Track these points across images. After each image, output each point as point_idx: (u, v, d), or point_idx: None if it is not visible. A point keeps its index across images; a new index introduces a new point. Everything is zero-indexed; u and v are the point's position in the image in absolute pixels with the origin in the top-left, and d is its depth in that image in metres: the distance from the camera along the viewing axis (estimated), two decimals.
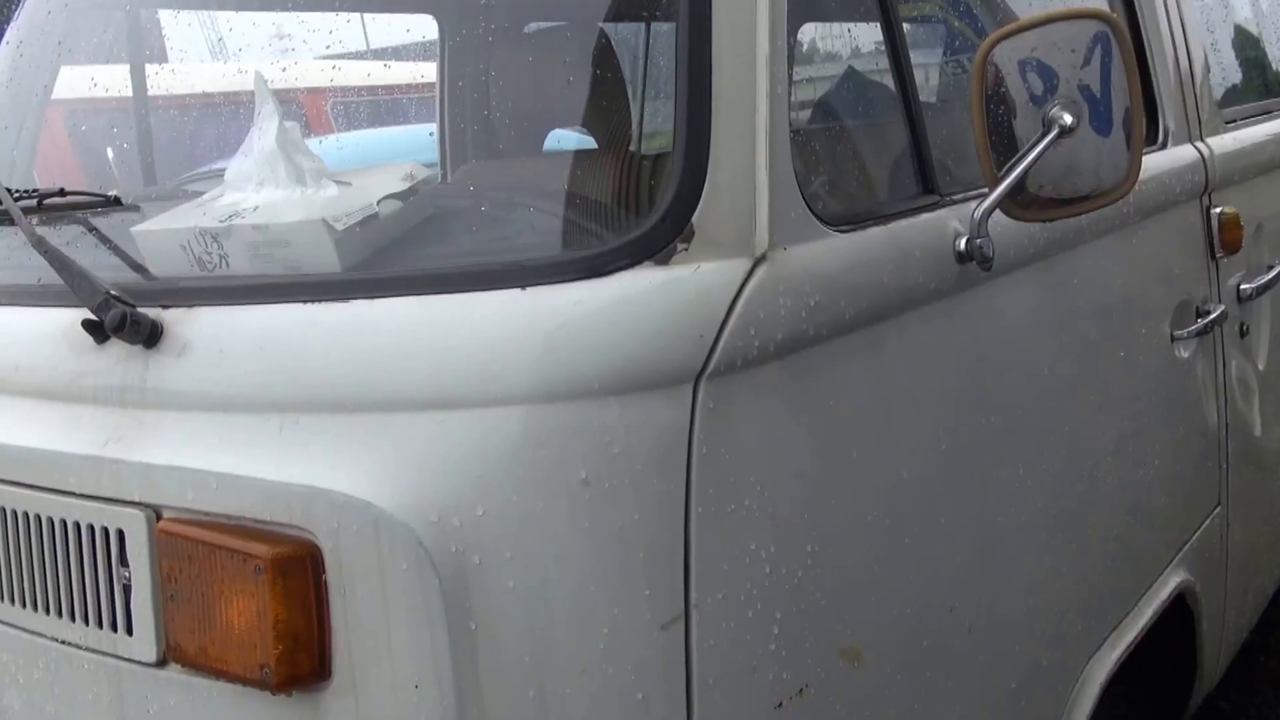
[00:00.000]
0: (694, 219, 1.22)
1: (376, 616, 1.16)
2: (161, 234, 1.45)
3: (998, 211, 1.45)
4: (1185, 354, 2.20)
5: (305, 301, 1.28)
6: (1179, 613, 2.21)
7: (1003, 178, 1.43)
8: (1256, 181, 2.60)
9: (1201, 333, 2.22)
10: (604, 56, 1.63)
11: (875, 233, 1.41)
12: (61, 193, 1.69)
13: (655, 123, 1.35)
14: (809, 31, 1.47)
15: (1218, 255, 2.33)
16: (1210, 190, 2.32)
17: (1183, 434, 2.26)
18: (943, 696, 1.54)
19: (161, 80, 2.21)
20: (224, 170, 1.48)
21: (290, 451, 1.20)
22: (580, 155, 1.51)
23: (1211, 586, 2.35)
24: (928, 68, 1.60)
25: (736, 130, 1.25)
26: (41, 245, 1.41)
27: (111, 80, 2.22)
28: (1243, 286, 2.44)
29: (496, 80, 2.18)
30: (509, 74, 2.12)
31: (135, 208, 1.65)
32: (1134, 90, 1.45)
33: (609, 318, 1.18)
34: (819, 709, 1.32)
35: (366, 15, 2.11)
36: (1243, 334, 2.48)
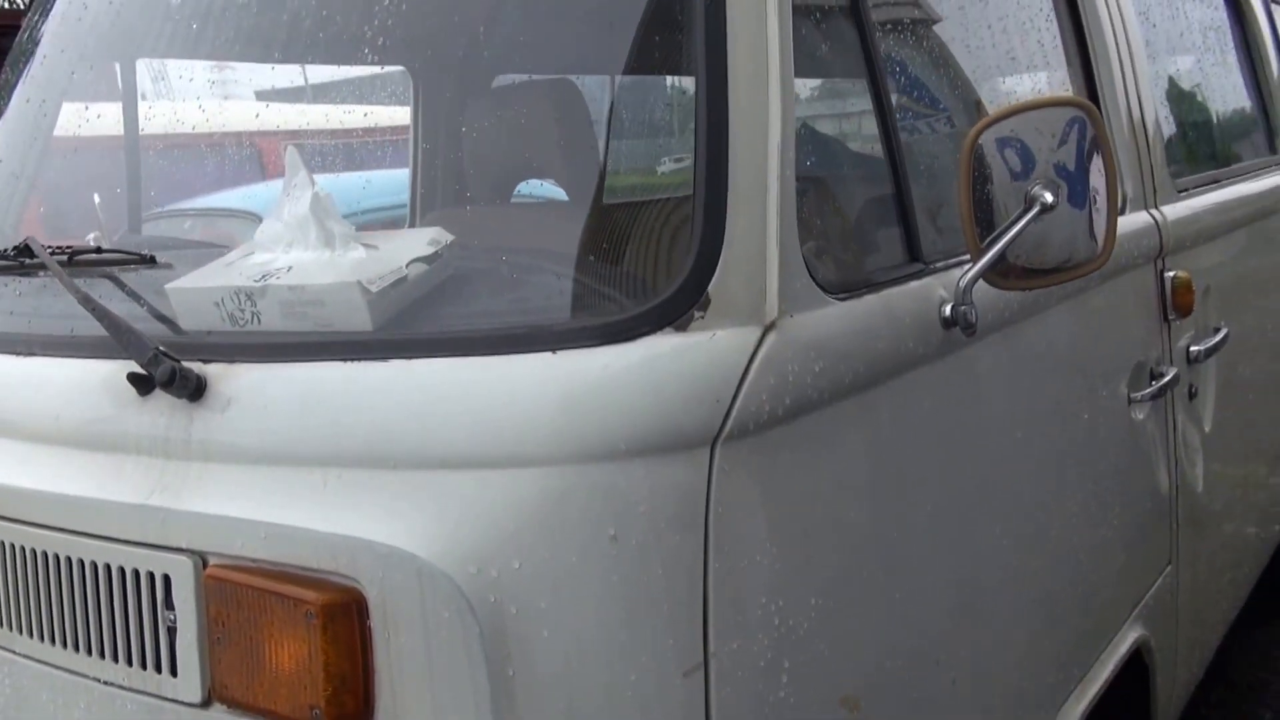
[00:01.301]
0: (710, 288, 1.30)
1: (419, 660, 1.22)
2: (195, 291, 1.52)
3: (981, 281, 1.54)
4: (1140, 415, 2.31)
5: (344, 360, 1.35)
6: (1134, 667, 2.31)
7: (986, 249, 1.52)
8: (1205, 246, 2.73)
9: (1156, 395, 2.33)
10: (620, 119, 1.72)
11: (870, 300, 1.50)
12: (98, 250, 1.74)
13: (673, 195, 1.43)
14: (803, 109, 1.55)
15: (1170, 318, 2.45)
16: (1164, 254, 2.44)
17: (1139, 494, 2.37)
18: None
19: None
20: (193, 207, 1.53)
21: (335, 504, 1.27)
22: (596, 220, 1.59)
23: (1165, 641, 2.45)
24: (913, 143, 1.69)
25: (750, 206, 1.35)
26: (88, 303, 1.47)
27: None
28: (1192, 349, 2.56)
29: (471, 134, 2.25)
30: (485, 128, 2.20)
31: (166, 265, 1.71)
32: (1110, 171, 1.55)
33: (634, 381, 1.27)
34: None
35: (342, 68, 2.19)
36: (1191, 396, 2.59)
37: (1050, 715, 1.94)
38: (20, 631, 1.52)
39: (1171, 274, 2.45)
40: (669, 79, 1.64)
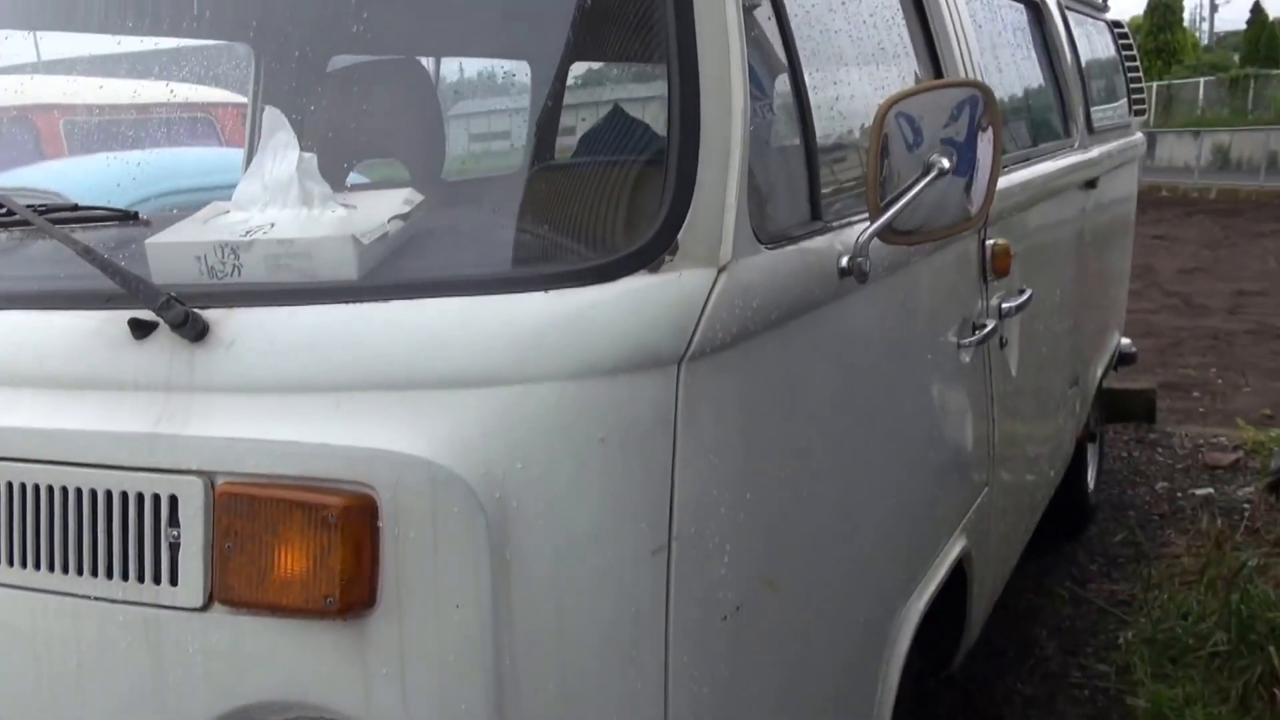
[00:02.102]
0: (679, 237, 1.54)
1: (425, 553, 1.42)
2: (177, 245, 1.65)
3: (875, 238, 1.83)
4: (966, 360, 2.65)
5: (348, 302, 1.52)
6: (958, 575, 2.67)
7: (885, 209, 1.78)
8: (1016, 218, 3.11)
9: (978, 343, 2.68)
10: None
11: (789, 250, 1.76)
12: (75, 208, 1.84)
13: (649, 160, 1.65)
14: None
15: (989, 279, 2.81)
16: (986, 224, 2.79)
17: (966, 426, 2.73)
18: (823, 620, 1.93)
19: None
20: None
21: (348, 422, 1.45)
22: (579, 178, 1.80)
23: (981, 553, 2.83)
24: (817, 121, 1.96)
25: (714, 170, 1.59)
26: (90, 254, 1.58)
27: None
28: (1004, 305, 2.91)
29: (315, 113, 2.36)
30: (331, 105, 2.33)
31: (145, 223, 1.81)
32: (998, 143, 1.85)
33: (616, 314, 1.49)
34: (748, 623, 1.67)
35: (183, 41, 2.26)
36: (1002, 345, 2.97)
37: (900, 605, 2.27)
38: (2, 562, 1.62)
39: (992, 242, 2.79)
40: (639, 66, 1.87)
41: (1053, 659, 3.96)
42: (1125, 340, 5.61)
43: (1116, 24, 5.61)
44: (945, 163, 1.78)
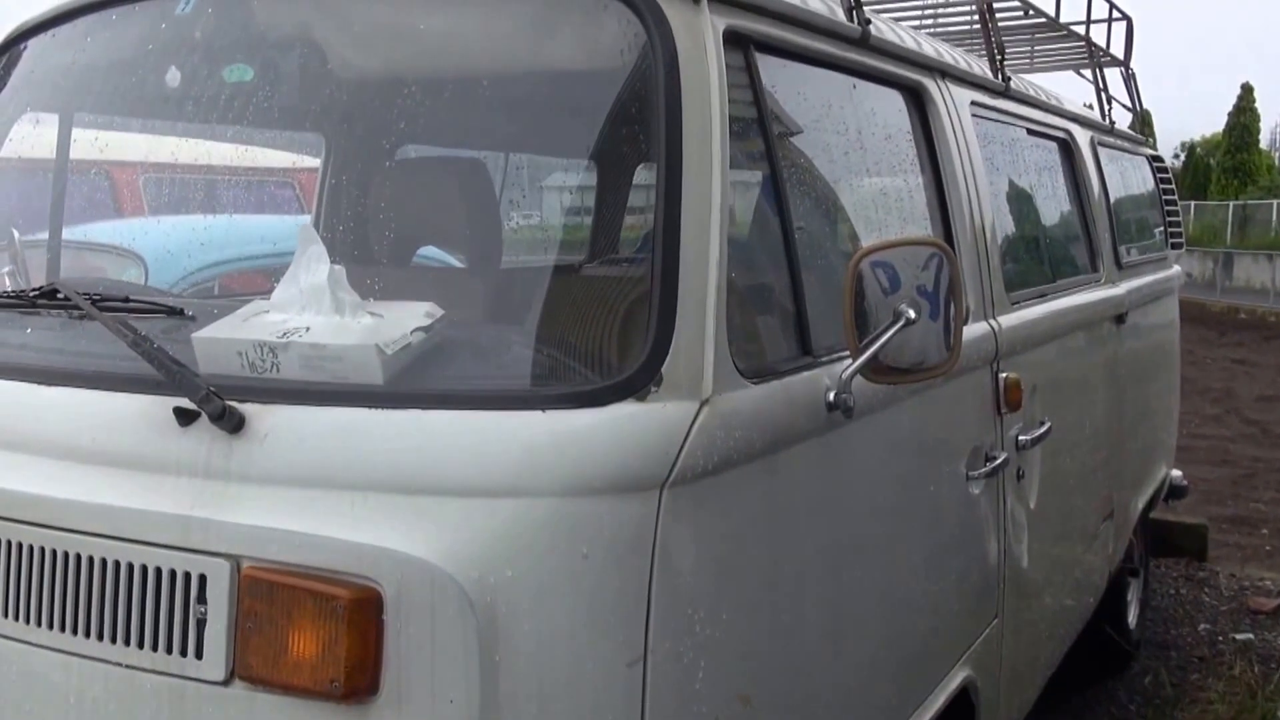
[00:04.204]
0: (663, 369, 1.69)
1: (424, 646, 1.56)
2: (221, 341, 1.82)
3: (857, 375, 1.97)
4: (976, 491, 2.75)
5: (367, 407, 1.68)
6: (963, 703, 2.73)
7: (862, 350, 1.94)
8: (1034, 351, 3.21)
9: (989, 474, 2.78)
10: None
11: (774, 385, 1.90)
12: (125, 300, 2.02)
13: (633, 296, 1.81)
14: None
15: (1003, 411, 2.90)
16: (999, 358, 2.89)
17: (972, 556, 2.81)
18: None
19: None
20: None
21: (360, 520, 1.60)
22: (566, 287, 1.97)
23: (989, 683, 2.89)
24: (806, 259, 2.11)
25: (693, 308, 1.74)
26: (139, 345, 1.76)
27: None
28: (1020, 437, 3.02)
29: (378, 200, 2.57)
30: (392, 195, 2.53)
31: (190, 317, 1.98)
32: (958, 302, 1.99)
33: (605, 437, 1.64)
34: None
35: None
36: (1019, 477, 3.05)
37: None
38: (39, 624, 1.77)
39: (1004, 375, 2.90)
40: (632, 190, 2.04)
41: None
42: (1176, 473, 5.61)
43: (1156, 158, 5.74)
44: (911, 313, 1.93)
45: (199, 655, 1.67)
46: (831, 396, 1.98)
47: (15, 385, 1.97)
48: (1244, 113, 43.81)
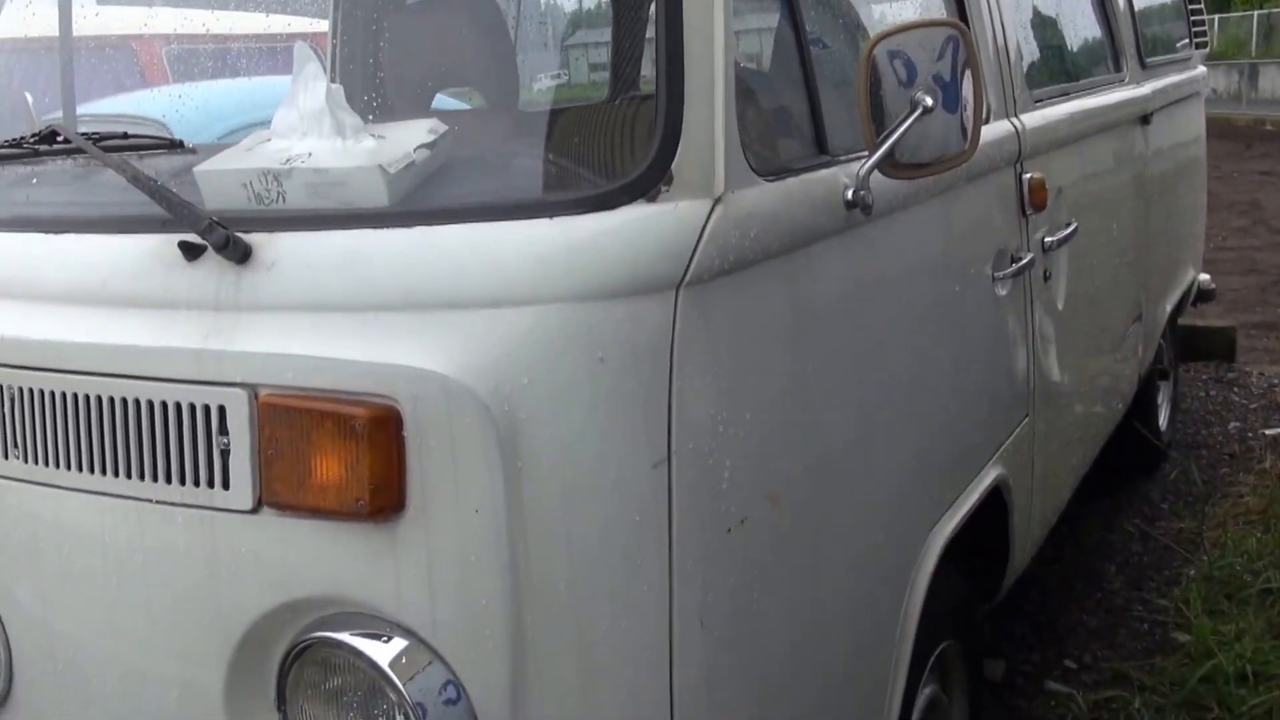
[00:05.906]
0: (673, 167, 1.65)
1: (445, 462, 1.56)
2: (225, 173, 1.78)
3: (875, 171, 1.92)
4: (1003, 292, 2.72)
5: (373, 228, 1.65)
6: (996, 504, 2.75)
7: (879, 144, 1.88)
8: (1058, 152, 3.14)
9: (1015, 275, 2.75)
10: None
11: (791, 182, 1.86)
12: (125, 136, 1.99)
13: (639, 95, 1.76)
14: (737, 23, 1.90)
15: (1028, 213, 2.85)
16: (1022, 158, 2.83)
17: (1001, 355, 2.79)
18: (831, 539, 2.03)
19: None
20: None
21: (373, 340, 1.58)
22: (576, 113, 1.92)
23: (1022, 482, 2.90)
24: (820, 56, 2.05)
25: (702, 101, 1.68)
26: (139, 180, 1.73)
27: None
28: (1046, 239, 2.97)
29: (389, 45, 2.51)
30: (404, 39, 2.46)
31: (191, 150, 1.96)
32: (977, 81, 1.93)
33: (617, 241, 1.61)
34: (753, 536, 1.78)
35: None
36: (1046, 278, 3.02)
37: (926, 529, 2.36)
38: (68, 468, 1.78)
39: (1029, 175, 2.84)
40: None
41: (1118, 593, 4.03)
42: (1204, 276, 5.56)
43: None
44: (929, 100, 1.86)
45: (226, 486, 1.67)
46: (850, 194, 1.94)
47: (22, 236, 1.95)
48: None
